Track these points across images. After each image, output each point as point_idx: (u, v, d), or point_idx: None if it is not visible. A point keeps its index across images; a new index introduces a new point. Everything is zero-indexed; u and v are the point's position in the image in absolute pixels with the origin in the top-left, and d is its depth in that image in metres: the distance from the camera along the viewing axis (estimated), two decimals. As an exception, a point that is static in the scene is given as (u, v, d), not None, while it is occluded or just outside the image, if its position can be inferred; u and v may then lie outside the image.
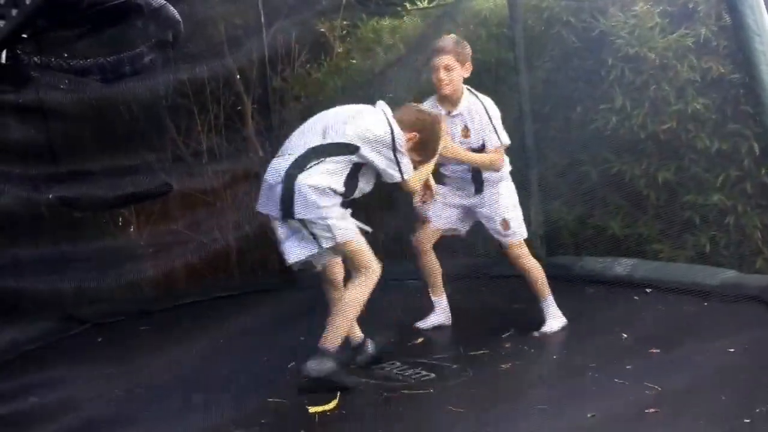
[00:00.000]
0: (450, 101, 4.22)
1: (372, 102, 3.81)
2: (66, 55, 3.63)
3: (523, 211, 5.42)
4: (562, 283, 4.93)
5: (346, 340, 3.66)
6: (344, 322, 3.47)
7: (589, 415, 2.96)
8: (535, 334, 4.10)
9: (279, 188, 3.38)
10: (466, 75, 4.20)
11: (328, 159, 3.40)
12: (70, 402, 3.22)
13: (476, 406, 3.26)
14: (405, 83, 5.96)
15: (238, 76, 6.13)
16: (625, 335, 3.95)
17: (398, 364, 3.83)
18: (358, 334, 3.85)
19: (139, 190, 3.86)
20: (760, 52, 2.10)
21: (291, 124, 6.22)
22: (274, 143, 5.93)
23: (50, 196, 3.20)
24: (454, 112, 4.21)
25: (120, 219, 5.21)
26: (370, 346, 3.87)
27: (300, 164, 3.38)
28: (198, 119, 5.76)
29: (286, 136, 4.09)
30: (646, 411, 2.98)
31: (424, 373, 3.69)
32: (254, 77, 6.22)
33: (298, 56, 6.54)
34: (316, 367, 3.38)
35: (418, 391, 3.47)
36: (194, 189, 5.25)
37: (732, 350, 3.57)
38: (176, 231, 4.93)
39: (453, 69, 4.12)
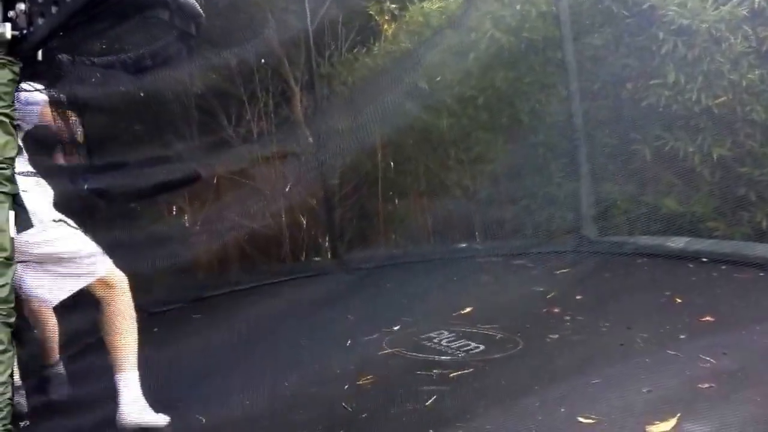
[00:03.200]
0: None
1: (419, 86, 3.79)
2: (91, 50, 3.70)
3: (574, 191, 5.43)
4: (615, 256, 4.92)
5: None
6: None
7: (644, 390, 2.91)
8: None
9: None
10: None
11: None
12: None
13: (526, 380, 3.17)
14: (451, 62, 5.94)
15: (286, 62, 6.17)
16: (679, 301, 3.89)
17: (446, 334, 3.81)
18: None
19: (169, 179, 3.92)
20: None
21: (339, 108, 6.30)
22: (322, 128, 5.99)
23: (85, 188, 3.28)
24: None
25: (172, 206, 5.32)
26: None
27: None
28: (247, 106, 5.82)
29: (334, 121, 4.15)
30: (700, 386, 2.93)
31: (472, 345, 3.66)
32: (302, 63, 6.25)
33: (345, 40, 6.54)
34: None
35: (467, 366, 3.42)
36: (244, 175, 5.32)
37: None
38: (227, 218, 4.99)
39: None
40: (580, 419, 2.65)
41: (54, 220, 3.04)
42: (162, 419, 3.03)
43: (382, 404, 3.14)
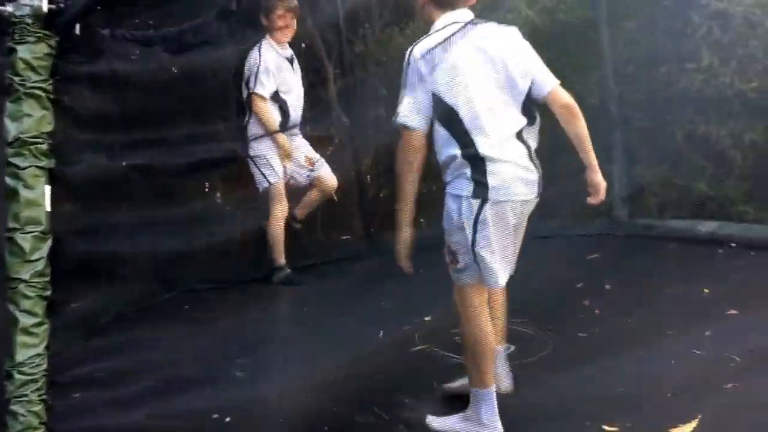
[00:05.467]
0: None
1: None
2: (130, 26, 3.76)
3: (606, 173, 5.38)
4: (644, 239, 4.94)
5: None
6: None
7: (668, 395, 2.95)
8: None
9: None
10: None
11: None
12: (159, 363, 3.40)
13: (553, 386, 3.20)
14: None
15: (319, 41, 6.20)
16: (705, 290, 3.93)
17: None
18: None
19: (208, 157, 4.01)
20: None
21: (372, 88, 6.33)
22: (356, 107, 6.04)
23: (123, 164, 3.37)
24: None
25: (207, 184, 5.41)
26: None
27: None
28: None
29: (369, 100, 4.25)
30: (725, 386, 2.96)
31: (506, 345, 3.61)
32: (336, 41, 6.28)
33: (379, 19, 6.56)
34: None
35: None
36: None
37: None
38: (262, 198, 5.05)
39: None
40: (605, 427, 2.71)
41: None
42: None
43: (411, 408, 3.18)
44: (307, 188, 5.06)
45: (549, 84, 2.83)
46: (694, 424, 2.64)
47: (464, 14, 2.82)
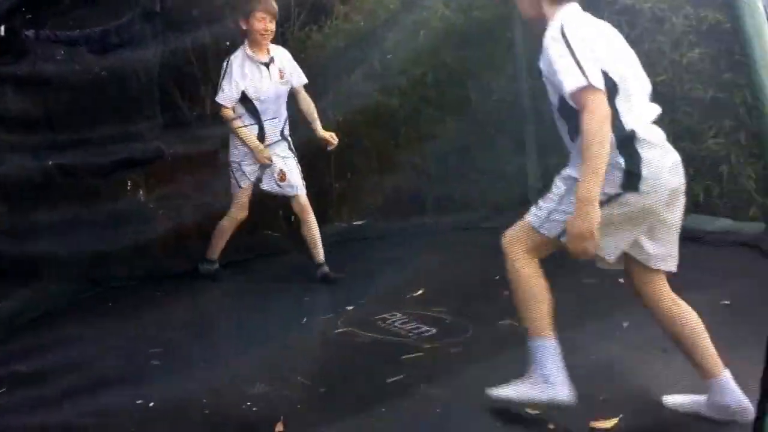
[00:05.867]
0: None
1: (370, 64, 3.88)
2: (55, 26, 3.68)
3: (521, 165, 5.56)
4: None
5: None
6: None
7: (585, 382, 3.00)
8: None
9: None
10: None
11: None
12: (82, 361, 3.34)
13: (473, 367, 3.27)
14: (401, 40, 6.02)
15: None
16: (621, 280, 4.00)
17: (399, 315, 3.93)
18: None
19: (133, 156, 3.96)
20: (744, 3, 2.16)
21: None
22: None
23: (50, 163, 3.29)
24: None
25: (131, 183, 5.32)
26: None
27: None
28: (201, 84, 5.80)
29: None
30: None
31: (424, 327, 3.79)
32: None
33: (297, 18, 6.55)
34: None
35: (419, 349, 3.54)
36: (201, 152, 5.32)
37: (726, 298, 3.68)
38: (186, 194, 5.02)
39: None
40: (528, 410, 2.74)
41: None
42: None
43: (337, 380, 3.28)
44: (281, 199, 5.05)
45: None
46: (615, 420, 2.71)
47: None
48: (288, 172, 4.73)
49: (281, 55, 4.76)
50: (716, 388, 2.64)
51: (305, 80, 4.80)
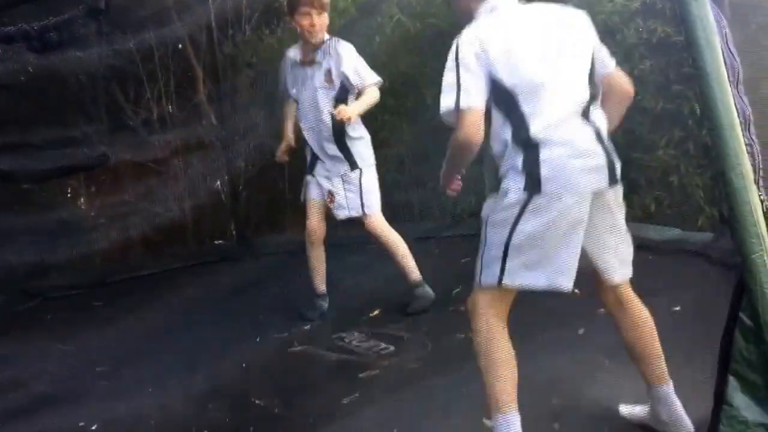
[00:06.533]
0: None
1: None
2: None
3: (477, 174, 5.49)
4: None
5: None
6: None
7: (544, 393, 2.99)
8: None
9: None
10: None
11: None
12: (18, 378, 3.21)
13: (433, 382, 3.25)
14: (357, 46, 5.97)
15: (188, 42, 6.05)
16: (576, 291, 4.01)
17: (356, 334, 3.87)
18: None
19: (77, 162, 3.81)
20: (696, 17, 2.16)
21: (243, 90, 6.22)
22: (226, 109, 5.91)
23: (-8, 170, 3.15)
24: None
25: (70, 190, 5.17)
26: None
27: None
28: (147, 87, 5.69)
29: (239, 102, 4.13)
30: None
31: (383, 345, 3.72)
32: (204, 43, 6.15)
33: (249, 20, 6.47)
34: None
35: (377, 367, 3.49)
36: (146, 158, 5.22)
37: (676, 306, 3.69)
38: (128, 201, 4.89)
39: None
40: (485, 421, 2.68)
41: None
42: None
43: (293, 401, 3.21)
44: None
45: (610, 65, 2.66)
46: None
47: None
48: (336, 193, 4.17)
49: (338, 52, 4.06)
50: (660, 397, 2.62)
51: (370, 80, 4.10)
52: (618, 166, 2.48)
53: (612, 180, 2.44)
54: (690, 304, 3.68)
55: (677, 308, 3.68)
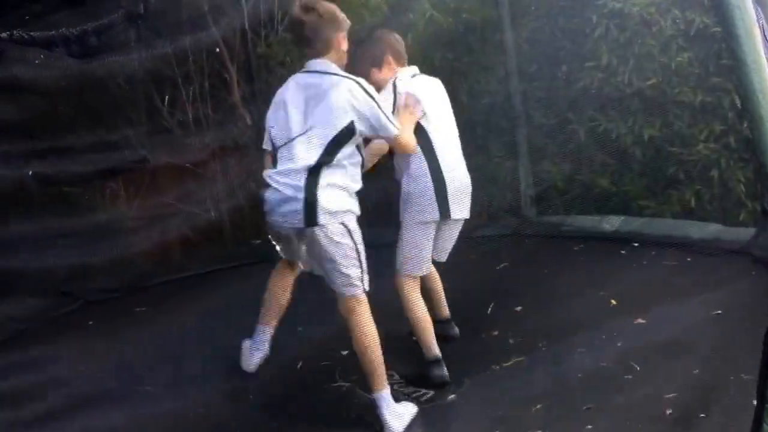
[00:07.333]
0: None
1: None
2: (32, 28, 3.58)
3: (512, 171, 5.46)
4: (550, 240, 5.01)
5: None
6: None
7: (584, 408, 2.96)
8: None
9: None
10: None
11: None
12: (61, 380, 3.25)
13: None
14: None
15: (222, 44, 6.08)
16: (613, 302, 3.93)
17: (396, 377, 3.47)
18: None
19: (117, 164, 3.85)
20: (734, 6, 2.11)
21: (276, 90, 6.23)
22: (261, 110, 5.93)
23: (29, 173, 3.19)
24: None
25: (109, 192, 5.22)
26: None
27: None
28: (183, 90, 5.72)
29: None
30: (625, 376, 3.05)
31: (423, 391, 3.38)
32: (238, 44, 6.18)
33: (281, 20, 6.48)
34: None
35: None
36: (183, 160, 5.26)
37: (717, 305, 3.62)
38: (167, 203, 4.92)
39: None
40: None
41: None
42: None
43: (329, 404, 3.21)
44: None
45: None
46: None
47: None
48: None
49: None
50: (379, 402, 3.01)
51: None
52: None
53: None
54: (731, 303, 3.62)
55: (719, 311, 3.60)
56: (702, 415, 2.75)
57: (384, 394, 3.03)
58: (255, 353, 3.47)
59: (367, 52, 3.52)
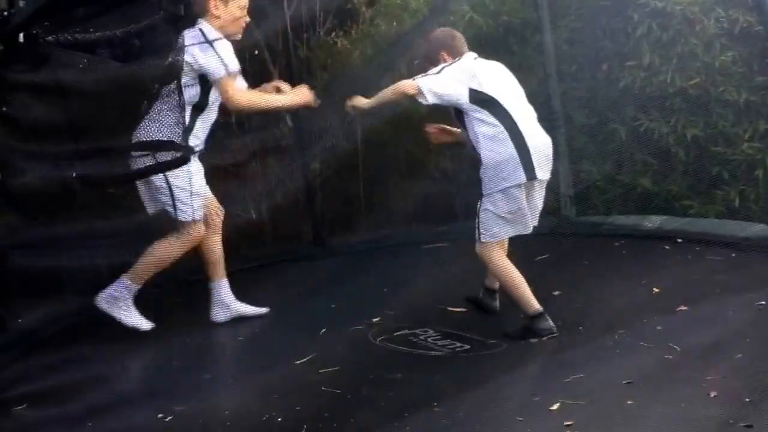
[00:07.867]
0: None
1: (398, 69, 3.91)
2: (76, 31, 3.66)
3: (552, 172, 5.41)
4: (591, 239, 4.99)
5: None
6: None
7: (624, 382, 2.98)
8: None
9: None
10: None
11: None
12: (103, 377, 3.33)
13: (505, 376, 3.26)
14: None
15: (264, 47, 6.15)
16: (655, 290, 3.99)
17: (431, 332, 3.82)
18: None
19: (157, 163, 3.89)
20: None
21: (318, 93, 6.29)
22: (302, 112, 5.99)
23: (74, 175, 3.26)
24: None
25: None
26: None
27: None
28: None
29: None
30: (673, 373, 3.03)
31: (458, 344, 3.66)
32: (280, 46, 6.24)
33: (323, 24, 6.53)
34: None
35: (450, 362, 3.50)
36: (225, 161, 5.31)
37: (761, 303, 3.59)
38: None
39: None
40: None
41: None
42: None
43: (364, 391, 3.24)
44: None
45: None
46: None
47: None
48: None
49: None
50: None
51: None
52: None
53: None
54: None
55: (762, 302, 3.59)
56: (747, 399, 2.72)
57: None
58: None
59: (422, 51, 4.10)
